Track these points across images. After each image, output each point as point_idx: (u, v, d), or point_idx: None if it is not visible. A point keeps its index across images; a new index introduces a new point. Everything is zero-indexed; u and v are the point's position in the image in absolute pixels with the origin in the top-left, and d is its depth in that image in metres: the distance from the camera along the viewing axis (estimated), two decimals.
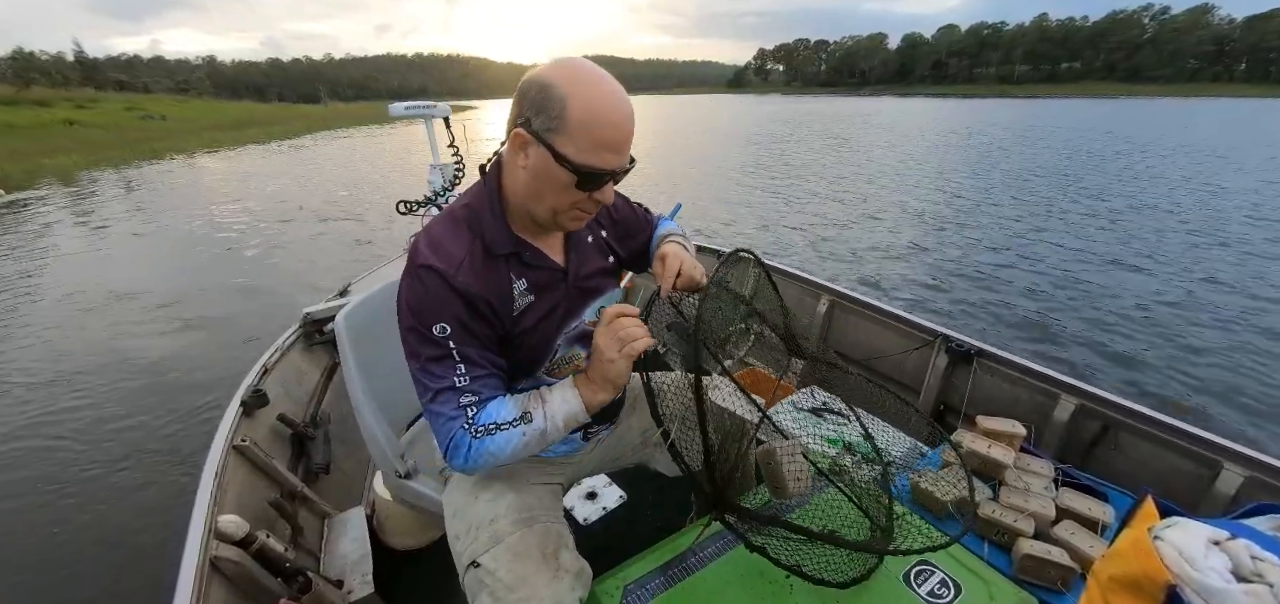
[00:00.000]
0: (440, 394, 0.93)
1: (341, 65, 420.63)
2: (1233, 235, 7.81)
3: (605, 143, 0.87)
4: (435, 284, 0.91)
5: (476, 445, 0.92)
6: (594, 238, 1.15)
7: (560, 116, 0.85)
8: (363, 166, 17.83)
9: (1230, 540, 0.72)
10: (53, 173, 16.78)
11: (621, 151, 0.90)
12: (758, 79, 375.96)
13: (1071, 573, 1.19)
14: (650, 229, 1.28)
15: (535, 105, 0.87)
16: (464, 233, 0.96)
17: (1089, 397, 1.78)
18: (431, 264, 0.91)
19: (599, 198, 0.93)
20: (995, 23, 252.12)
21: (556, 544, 1.05)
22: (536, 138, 0.87)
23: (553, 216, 0.95)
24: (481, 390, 0.94)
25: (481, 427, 0.93)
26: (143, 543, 2.53)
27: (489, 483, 1.12)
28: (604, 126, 0.86)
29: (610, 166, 0.89)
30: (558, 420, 0.95)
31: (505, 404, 0.96)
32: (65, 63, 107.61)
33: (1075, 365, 4.29)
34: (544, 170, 0.89)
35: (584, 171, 0.87)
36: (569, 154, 0.86)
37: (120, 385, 4.05)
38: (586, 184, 0.89)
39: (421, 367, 0.94)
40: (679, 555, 1.22)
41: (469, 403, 0.93)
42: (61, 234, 9.20)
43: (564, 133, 0.85)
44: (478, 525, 1.05)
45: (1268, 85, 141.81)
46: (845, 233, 8.17)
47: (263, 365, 2.02)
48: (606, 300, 1.15)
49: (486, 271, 0.96)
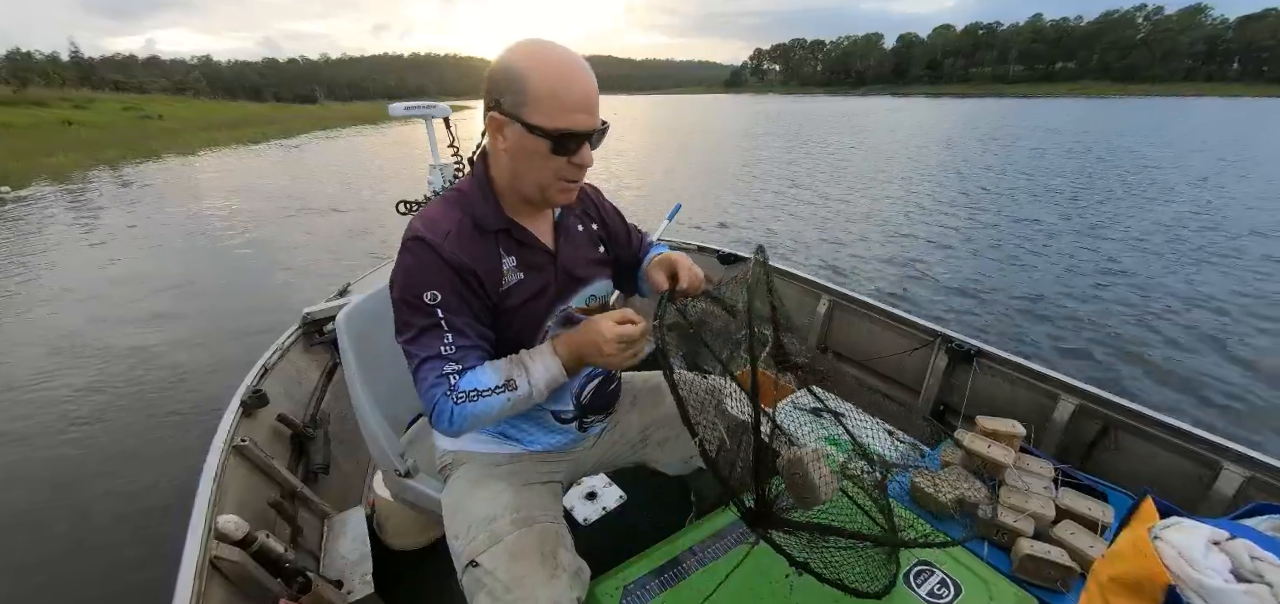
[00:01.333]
0: (427, 362, 0.97)
1: (338, 65, 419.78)
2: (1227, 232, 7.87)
3: (571, 104, 0.92)
4: (425, 254, 0.96)
5: (458, 410, 0.96)
6: (585, 228, 1.19)
7: (524, 90, 0.91)
8: (362, 166, 17.85)
9: (1230, 541, 0.72)
10: (54, 171, 16.79)
11: (589, 111, 0.94)
12: (755, 79, 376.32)
13: (1071, 573, 1.20)
14: (639, 250, 1.31)
15: (501, 87, 0.93)
16: (454, 210, 1.01)
17: (1089, 397, 1.78)
18: (421, 235, 0.97)
19: (578, 162, 0.97)
20: (990, 23, 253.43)
21: (555, 544, 1.05)
22: (509, 116, 0.93)
23: (541, 192, 0.99)
24: (465, 359, 0.98)
25: (463, 393, 0.96)
26: (142, 543, 2.52)
27: (487, 482, 1.13)
28: (566, 89, 0.91)
29: (581, 127, 0.94)
30: (541, 384, 0.99)
31: (487, 371, 0.99)
32: (60, 63, 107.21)
33: (1075, 352, 4.31)
34: (521, 145, 0.94)
35: (556, 135, 0.92)
36: (540, 122, 0.91)
37: (120, 385, 4.03)
38: (562, 148, 0.94)
39: (411, 338, 0.98)
40: (679, 556, 1.23)
41: (452, 371, 0.97)
42: (63, 231, 9.18)
43: (531, 104, 0.91)
44: (476, 525, 1.05)
45: (1260, 84, 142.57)
46: (840, 231, 8.19)
47: (263, 365, 2.02)
48: (598, 289, 1.19)
49: (475, 243, 1.00)
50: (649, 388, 1.43)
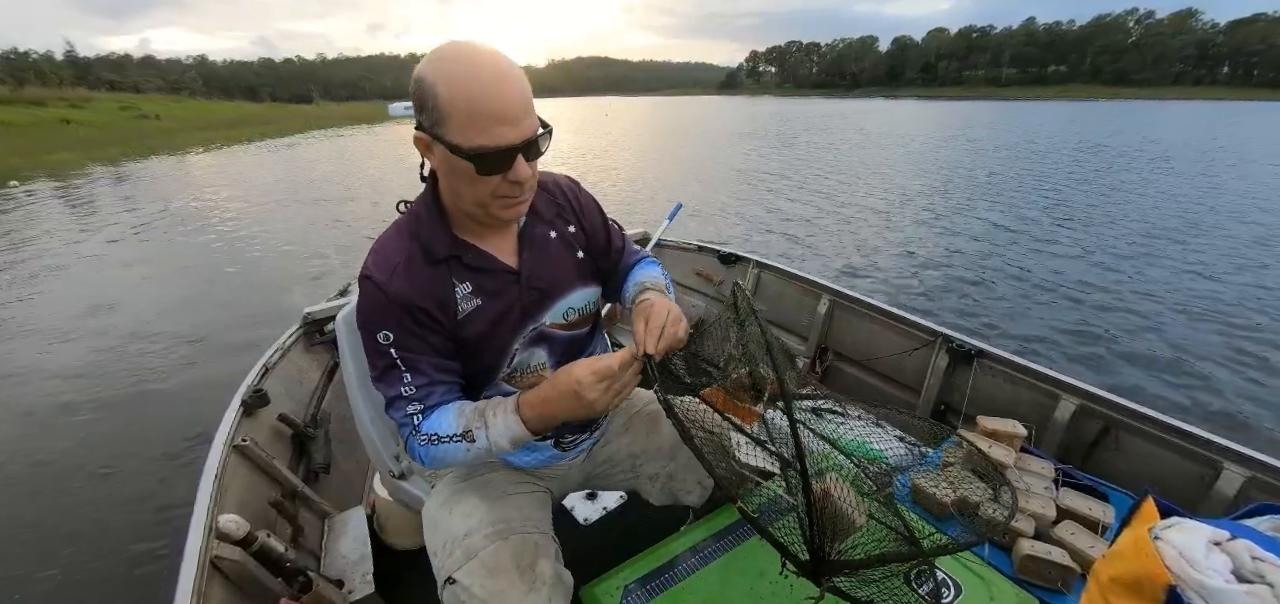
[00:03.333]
0: (393, 402, 0.95)
1: (334, 65, 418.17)
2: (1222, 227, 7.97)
3: (486, 116, 0.81)
4: (372, 292, 0.92)
5: (423, 451, 0.95)
6: (559, 234, 1.08)
7: (437, 106, 0.82)
8: (362, 165, 17.87)
9: (1231, 541, 0.72)
10: (56, 168, 17.16)
11: (511, 122, 0.83)
12: (750, 81, 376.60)
13: (1072, 573, 1.20)
14: (623, 258, 1.20)
15: (419, 103, 0.85)
16: (404, 240, 0.95)
17: (1089, 397, 1.78)
18: (369, 272, 0.92)
19: (514, 179, 0.87)
20: (983, 26, 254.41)
21: (533, 555, 1.01)
22: (430, 136, 0.85)
23: (482, 210, 0.91)
24: (428, 398, 0.94)
25: (425, 435, 0.94)
26: (143, 542, 2.51)
27: (465, 496, 1.09)
28: (479, 103, 0.81)
29: (503, 141, 0.83)
30: (503, 442, 0.92)
31: (447, 416, 0.94)
32: (55, 62, 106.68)
33: (1077, 341, 4.40)
34: (449, 165, 0.87)
35: (476, 155, 0.83)
36: (458, 141, 0.82)
37: (121, 384, 4.02)
38: (487, 167, 0.84)
39: (377, 376, 0.96)
40: (679, 556, 1.23)
41: (414, 412, 0.94)
42: (64, 228, 9.23)
43: (446, 121, 0.82)
44: (453, 541, 1.02)
45: (1250, 88, 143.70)
46: (835, 230, 8.21)
47: (263, 365, 2.01)
48: (577, 299, 1.09)
49: (424, 276, 0.94)
50: (644, 414, 1.31)
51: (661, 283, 1.13)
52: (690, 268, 3.25)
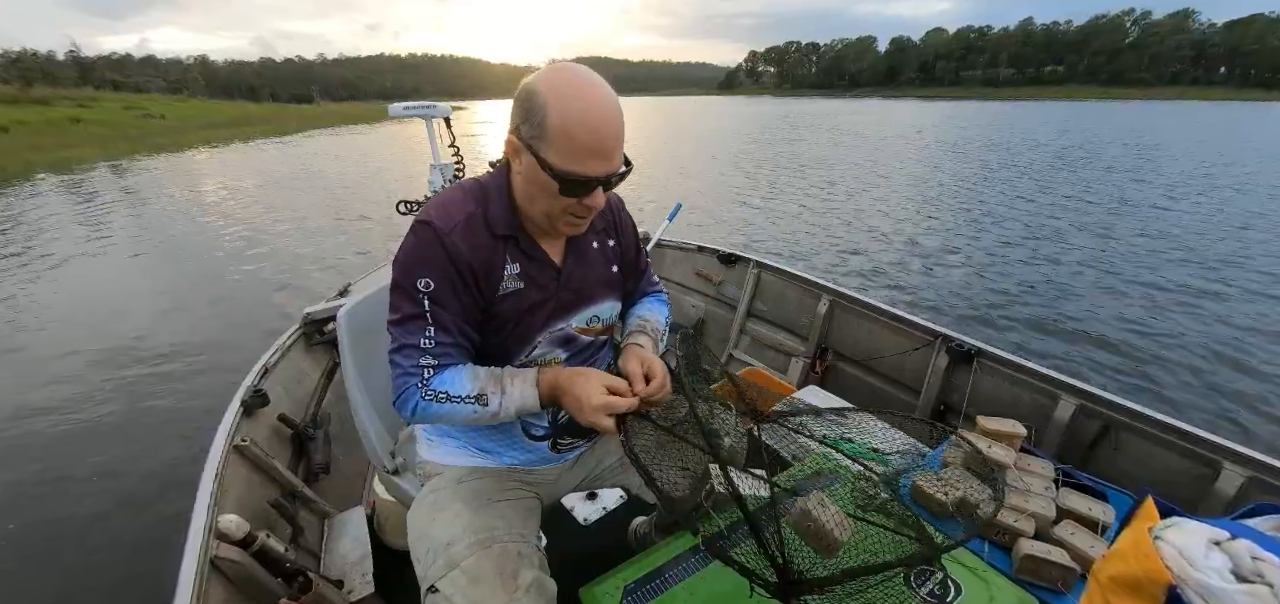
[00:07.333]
0: (405, 348, 0.96)
1: (334, 65, 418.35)
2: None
3: (586, 149, 0.88)
4: (428, 238, 0.95)
5: (423, 405, 0.96)
6: (601, 245, 1.14)
7: (542, 124, 0.87)
8: (362, 164, 17.97)
9: (1231, 541, 0.72)
10: (73, 164, 17.88)
11: (607, 158, 0.90)
12: (749, 81, 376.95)
13: (1072, 573, 1.20)
14: (641, 283, 1.26)
15: (523, 112, 0.90)
16: (469, 202, 0.99)
17: (1089, 397, 1.79)
18: (429, 219, 0.95)
19: (589, 204, 0.94)
20: (981, 27, 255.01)
21: (515, 564, 1.01)
22: (525, 145, 0.90)
23: (548, 222, 0.98)
24: (444, 356, 0.97)
25: (433, 391, 0.96)
26: (143, 542, 2.52)
27: (449, 504, 1.08)
28: (584, 134, 0.87)
29: (594, 173, 0.90)
30: (511, 409, 0.98)
31: (460, 377, 0.97)
32: (58, 62, 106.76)
33: (1079, 336, 4.42)
34: (533, 176, 0.92)
35: (566, 178, 0.88)
36: (552, 161, 0.88)
37: (120, 383, 4.02)
38: (571, 190, 0.90)
39: (396, 320, 0.97)
40: (680, 556, 1.23)
41: (428, 365, 0.96)
42: (68, 226, 9.34)
43: (547, 140, 0.87)
44: (435, 550, 1.02)
45: (1246, 89, 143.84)
46: (835, 229, 8.22)
47: (263, 365, 2.00)
48: (604, 309, 1.14)
49: (482, 241, 0.98)
50: None
51: (661, 328, 1.19)
52: (690, 268, 3.25)
